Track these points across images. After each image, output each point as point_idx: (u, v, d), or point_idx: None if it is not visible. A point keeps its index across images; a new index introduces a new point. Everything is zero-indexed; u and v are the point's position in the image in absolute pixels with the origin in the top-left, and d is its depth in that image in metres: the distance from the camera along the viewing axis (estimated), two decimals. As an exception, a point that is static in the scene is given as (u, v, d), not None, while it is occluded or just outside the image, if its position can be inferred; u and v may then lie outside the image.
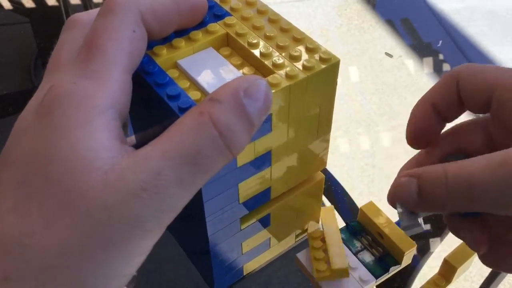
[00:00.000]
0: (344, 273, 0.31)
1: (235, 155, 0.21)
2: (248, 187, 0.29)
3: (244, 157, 0.27)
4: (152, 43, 0.26)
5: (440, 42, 0.76)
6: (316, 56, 0.27)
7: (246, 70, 0.27)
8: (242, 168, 0.27)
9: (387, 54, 0.72)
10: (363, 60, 0.73)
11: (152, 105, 0.26)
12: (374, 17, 0.81)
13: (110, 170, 0.19)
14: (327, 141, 0.32)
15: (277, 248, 0.36)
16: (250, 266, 0.35)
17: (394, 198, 0.26)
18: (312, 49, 0.27)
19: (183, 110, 0.23)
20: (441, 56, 0.74)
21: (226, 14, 0.28)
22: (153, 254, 0.35)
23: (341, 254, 0.32)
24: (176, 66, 0.26)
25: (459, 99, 0.26)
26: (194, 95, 0.24)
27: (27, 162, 0.19)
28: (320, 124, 0.30)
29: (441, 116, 0.27)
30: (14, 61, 0.68)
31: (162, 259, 0.42)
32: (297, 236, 0.36)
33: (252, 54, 0.27)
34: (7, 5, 0.77)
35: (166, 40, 0.26)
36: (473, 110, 0.25)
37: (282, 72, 0.26)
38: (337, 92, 0.29)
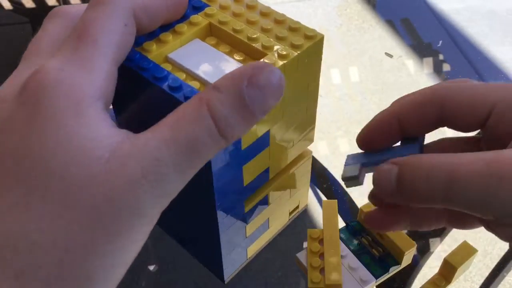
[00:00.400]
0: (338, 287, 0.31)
1: (229, 142, 0.21)
2: (251, 169, 0.29)
3: (247, 140, 0.27)
4: (141, 39, 0.26)
5: (440, 42, 0.76)
6: (301, 35, 0.27)
7: (236, 56, 0.28)
8: (245, 151, 0.27)
9: (387, 54, 0.72)
10: (363, 60, 0.73)
11: (150, 100, 0.26)
12: (374, 17, 0.81)
13: (111, 157, 0.19)
14: (315, 117, 0.33)
15: (275, 228, 0.37)
16: (253, 248, 0.36)
17: (375, 186, 0.25)
18: (296, 29, 0.28)
19: (189, 99, 0.24)
20: (441, 56, 0.74)
21: (205, 5, 0.29)
22: (153, 254, 0.35)
23: (337, 268, 0.32)
24: (167, 60, 0.27)
25: (437, 119, 0.25)
26: (194, 85, 0.25)
27: (22, 156, 0.19)
28: (308, 100, 0.30)
29: (403, 131, 0.26)
30: (14, 61, 0.68)
31: (162, 259, 0.42)
32: (290, 213, 0.38)
33: (240, 39, 0.27)
34: (7, 5, 0.77)
35: (153, 35, 0.27)
36: (461, 129, 0.25)
37: (273, 53, 0.26)
38: (337, 92, 0.30)
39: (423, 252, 0.42)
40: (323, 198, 0.46)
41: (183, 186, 0.21)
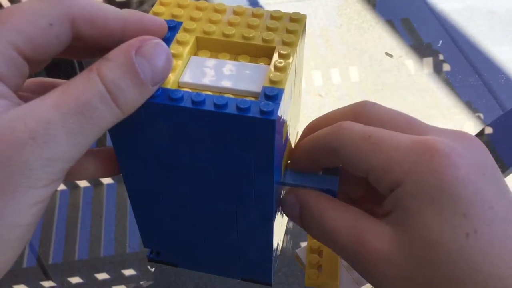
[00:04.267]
0: (333, 286, 0.31)
1: (124, 110, 0.21)
2: (284, 161, 0.29)
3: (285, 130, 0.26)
4: None
5: (440, 42, 0.76)
6: (288, 19, 0.27)
7: (242, 59, 0.27)
8: (284, 144, 0.27)
9: (387, 54, 0.72)
10: (363, 60, 0.73)
11: (206, 131, 0.24)
12: (374, 17, 0.81)
13: None
14: (300, 100, 0.33)
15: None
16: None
17: (283, 210, 0.29)
18: (279, 17, 0.27)
19: (265, 113, 0.23)
20: (441, 56, 0.74)
21: (178, 23, 0.27)
22: (153, 254, 0.34)
23: (334, 267, 0.32)
24: (179, 85, 0.25)
25: (337, 163, 0.27)
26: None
27: None
28: (298, 81, 0.30)
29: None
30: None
31: (162, 259, 0.42)
32: None
33: (236, 43, 0.27)
34: (7, 5, 0.77)
35: None
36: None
37: (279, 43, 0.26)
38: (337, 92, 0.30)
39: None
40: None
41: (76, 154, 0.21)
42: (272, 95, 0.24)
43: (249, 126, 0.23)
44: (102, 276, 0.47)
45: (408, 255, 0.22)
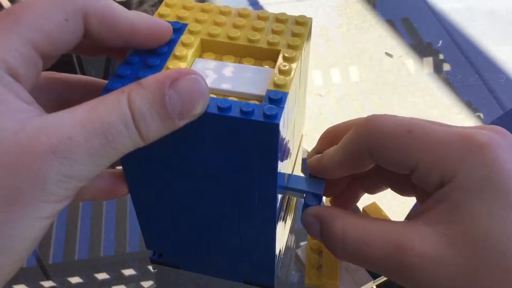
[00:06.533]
0: (333, 286, 0.31)
1: (145, 139, 0.21)
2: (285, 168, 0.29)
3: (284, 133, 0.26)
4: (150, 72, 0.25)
5: (440, 42, 0.76)
6: (294, 22, 0.27)
7: (247, 62, 0.27)
8: (284, 147, 0.27)
9: (387, 54, 0.72)
10: (363, 60, 0.73)
11: (212, 145, 0.24)
12: (374, 17, 0.81)
13: (20, 130, 0.19)
14: (305, 103, 0.33)
15: (289, 220, 0.37)
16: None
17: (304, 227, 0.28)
18: (285, 20, 0.27)
19: (269, 116, 0.22)
20: (441, 56, 0.74)
21: (183, 24, 0.27)
22: (153, 254, 0.34)
23: (334, 267, 0.32)
24: None
25: (370, 164, 0.26)
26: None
27: None
28: (303, 84, 0.30)
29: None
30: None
31: (162, 259, 0.42)
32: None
33: (241, 45, 0.27)
34: (7, 5, 0.77)
35: (160, 65, 0.25)
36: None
37: (284, 46, 0.26)
38: (337, 92, 0.30)
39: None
40: (323, 198, 0.46)
41: (92, 174, 0.21)
42: (276, 99, 0.23)
43: (253, 129, 0.23)
44: (102, 276, 0.47)
45: (461, 251, 0.22)
